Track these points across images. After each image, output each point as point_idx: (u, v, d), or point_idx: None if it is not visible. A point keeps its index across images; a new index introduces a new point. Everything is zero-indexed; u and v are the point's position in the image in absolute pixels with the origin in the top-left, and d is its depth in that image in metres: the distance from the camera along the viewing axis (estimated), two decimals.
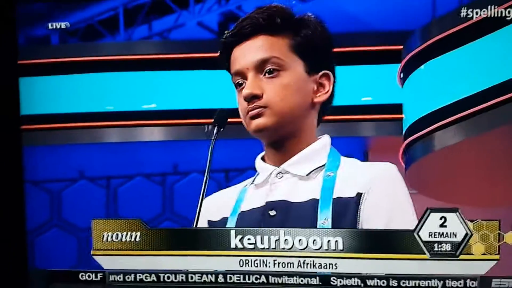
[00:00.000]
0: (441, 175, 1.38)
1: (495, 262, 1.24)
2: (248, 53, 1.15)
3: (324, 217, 1.12)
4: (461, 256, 1.25)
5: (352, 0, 1.32)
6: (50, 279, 1.35)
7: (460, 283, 1.26)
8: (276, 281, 1.29)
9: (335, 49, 1.24)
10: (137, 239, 1.29)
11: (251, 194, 1.21)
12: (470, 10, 1.30)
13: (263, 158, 1.23)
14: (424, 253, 1.24)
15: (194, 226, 1.20)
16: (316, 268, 1.25)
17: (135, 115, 1.39)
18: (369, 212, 1.09)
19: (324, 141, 1.18)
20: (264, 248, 1.25)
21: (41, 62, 1.40)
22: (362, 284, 1.27)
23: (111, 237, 1.30)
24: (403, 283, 1.27)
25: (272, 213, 1.18)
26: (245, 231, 1.24)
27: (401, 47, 1.36)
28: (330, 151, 1.19)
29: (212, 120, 1.22)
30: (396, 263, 1.24)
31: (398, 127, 1.36)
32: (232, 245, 1.26)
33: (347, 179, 1.12)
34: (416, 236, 1.24)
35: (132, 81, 1.39)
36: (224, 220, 1.21)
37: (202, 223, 1.24)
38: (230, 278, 1.31)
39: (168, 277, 1.33)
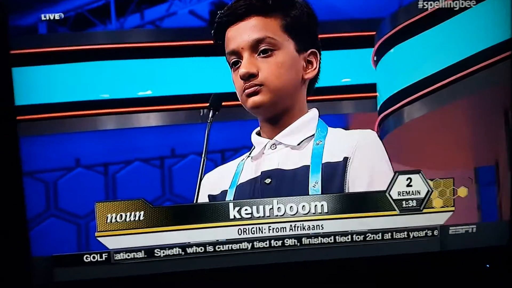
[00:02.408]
0: (409, 144, 1.58)
1: (451, 213, 1.46)
2: (243, 33, 1.21)
3: (315, 181, 1.24)
4: (425, 210, 1.45)
5: None
6: (54, 265, 1.36)
7: (425, 233, 1.47)
8: (273, 244, 1.40)
9: (320, 36, 1.37)
10: (141, 218, 1.33)
11: (248, 166, 1.30)
12: (426, 2, 1.50)
13: (258, 133, 1.32)
14: (395, 210, 1.42)
15: (194, 202, 1.27)
16: (305, 230, 1.38)
17: (131, 102, 1.43)
18: (354, 173, 1.23)
19: (312, 114, 1.30)
20: (260, 216, 1.36)
21: (34, 51, 1.38)
22: (346, 239, 1.43)
23: (115, 218, 1.33)
24: (379, 236, 1.45)
25: (268, 181, 1.28)
26: (242, 203, 1.34)
27: (374, 33, 1.52)
28: (319, 122, 1.30)
29: (207, 104, 1.28)
30: (372, 220, 1.41)
31: (374, 104, 1.53)
32: (231, 216, 1.35)
33: (334, 145, 1.25)
34: (388, 195, 1.42)
35: (127, 69, 1.42)
36: (224, 193, 1.29)
37: (203, 198, 1.31)
38: (230, 246, 1.40)
39: (173, 251, 1.39)
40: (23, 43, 1.37)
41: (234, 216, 1.35)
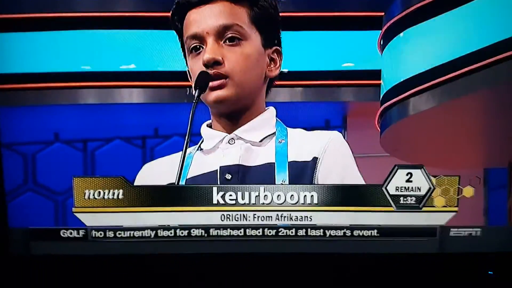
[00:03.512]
0: (412, 138, 1.46)
1: (454, 213, 1.34)
2: (209, 17, 1.14)
3: (282, 179, 1.19)
4: (424, 208, 1.35)
5: None
6: (30, 237, 1.33)
7: (422, 232, 1.37)
8: (255, 233, 1.34)
9: (320, 14, 1.25)
10: (120, 196, 1.28)
11: (199, 159, 1.24)
12: None
13: (209, 125, 1.26)
14: (391, 206, 1.32)
15: (176, 183, 1.21)
16: (292, 220, 1.31)
17: (113, 75, 1.35)
18: (324, 173, 1.18)
19: (271, 112, 1.25)
20: (245, 203, 1.30)
21: (13, 17, 1.31)
22: (327, 234, 1.35)
23: (93, 194, 1.28)
24: (370, 233, 1.36)
25: (228, 176, 1.23)
26: (227, 188, 1.27)
27: (382, 13, 1.38)
28: (277, 121, 1.25)
29: (194, 83, 1.20)
30: (365, 215, 1.32)
31: (377, 93, 1.41)
32: (214, 201, 1.29)
33: (299, 145, 1.19)
34: (384, 190, 1.32)
35: (110, 40, 1.34)
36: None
37: None
38: (211, 232, 1.35)
39: (153, 232, 1.35)
40: (1, 7, 1.30)
41: (218, 201, 1.29)
